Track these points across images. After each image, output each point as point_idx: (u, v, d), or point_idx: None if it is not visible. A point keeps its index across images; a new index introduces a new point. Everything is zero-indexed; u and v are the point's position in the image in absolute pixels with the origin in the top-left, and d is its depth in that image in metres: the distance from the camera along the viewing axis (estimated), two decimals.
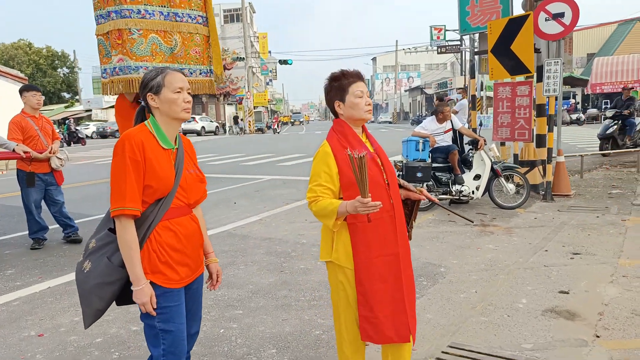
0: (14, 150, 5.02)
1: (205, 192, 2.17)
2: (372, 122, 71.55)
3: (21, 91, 5.68)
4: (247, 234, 6.10)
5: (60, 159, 5.67)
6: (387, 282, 2.14)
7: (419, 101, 61.34)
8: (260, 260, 5.02)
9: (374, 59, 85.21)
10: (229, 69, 46.77)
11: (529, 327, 3.29)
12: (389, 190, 2.19)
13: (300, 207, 7.65)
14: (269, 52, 55.43)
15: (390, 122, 60.40)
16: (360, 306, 2.15)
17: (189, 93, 2.02)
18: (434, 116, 7.36)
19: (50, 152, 5.52)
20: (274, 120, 42.44)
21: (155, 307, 1.92)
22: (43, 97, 5.83)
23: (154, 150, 1.93)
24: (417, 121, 45.60)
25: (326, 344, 3.18)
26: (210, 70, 4.41)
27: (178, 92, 1.97)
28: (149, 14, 4.03)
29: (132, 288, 1.90)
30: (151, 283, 1.91)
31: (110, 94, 4.25)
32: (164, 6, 4.06)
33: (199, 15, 4.19)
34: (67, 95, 51.77)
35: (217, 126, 40.29)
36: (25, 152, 5.06)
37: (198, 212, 2.18)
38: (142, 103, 2.06)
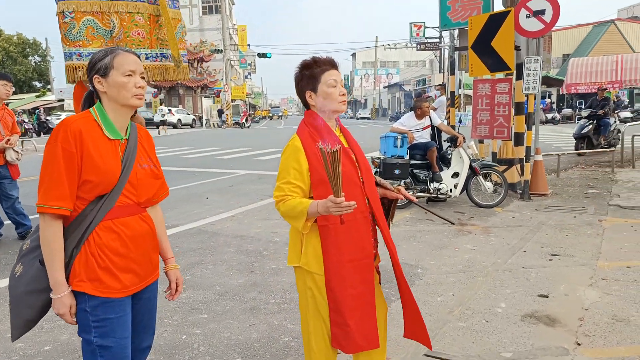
0: None
1: (162, 189, 1.95)
2: (351, 117, 71.62)
3: None
4: (217, 231, 5.85)
5: (17, 152, 5.32)
6: (358, 288, 1.97)
7: (397, 98, 61.50)
8: (230, 260, 4.78)
9: (353, 55, 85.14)
10: (206, 61, 46.02)
11: (508, 334, 3.14)
12: (364, 188, 2.01)
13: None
14: (248, 45, 54.76)
15: (369, 118, 60.46)
16: (331, 312, 1.97)
17: (142, 78, 1.79)
18: (412, 112, 7.21)
19: (6, 143, 5.16)
20: (242, 115, 41.22)
21: (75, 318, 1.72)
22: (13, 89, 5.44)
23: (95, 141, 1.70)
24: (396, 117, 45.69)
25: (295, 351, 2.98)
26: (161, 54, 4.06)
27: (129, 75, 1.74)
28: None
29: (50, 295, 1.68)
30: (86, 294, 1.69)
31: (68, 80, 3.94)
32: None
33: None
34: (38, 85, 50.22)
35: (193, 119, 39.63)
36: None
37: (156, 212, 1.97)
38: (90, 87, 1.84)
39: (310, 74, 2.00)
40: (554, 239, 5.25)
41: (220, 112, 41.56)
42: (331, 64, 2.01)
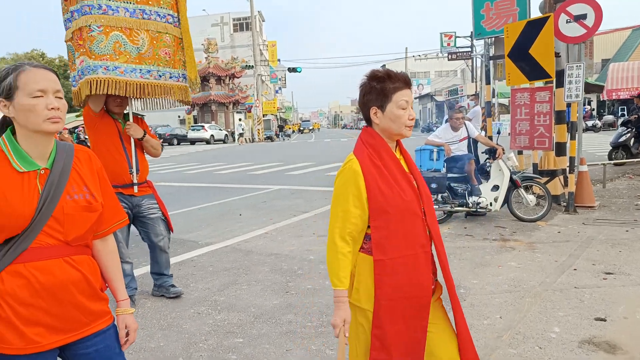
0: None
1: (113, 218, 1.70)
2: None
3: None
4: (251, 249, 5.76)
5: None
6: (410, 327, 1.79)
7: (429, 108, 60.87)
8: (265, 279, 4.67)
9: (383, 67, 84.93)
10: (238, 77, 46.74)
11: None
12: (426, 219, 1.83)
13: (308, 220, 7.30)
14: (279, 60, 55.39)
15: None
16: (373, 351, 1.79)
17: (58, 97, 1.51)
18: (447, 124, 7.00)
19: None
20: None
21: None
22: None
23: None
24: (428, 129, 45.16)
25: None
26: (183, 75, 4.03)
27: (38, 96, 1.47)
28: (112, 9, 3.70)
29: None
30: None
31: (78, 103, 3.88)
32: (130, 2, 3.71)
33: (168, 14, 3.85)
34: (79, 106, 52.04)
35: (226, 134, 40.17)
36: None
37: (105, 244, 1.70)
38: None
39: (380, 88, 1.78)
40: (607, 256, 4.93)
41: (281, 128, 40.84)
42: (405, 82, 1.80)
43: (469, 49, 34.38)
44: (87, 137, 28.23)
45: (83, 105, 3.88)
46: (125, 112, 4.02)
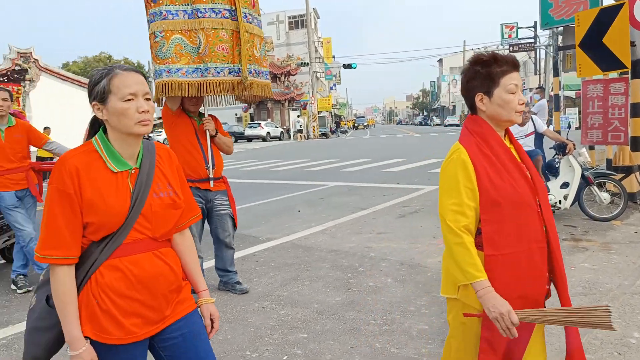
0: None
1: (189, 213, 1.74)
2: (438, 124, 69.79)
3: None
4: (311, 245, 5.80)
5: None
6: (519, 326, 1.66)
7: None
8: (326, 276, 4.69)
9: (439, 61, 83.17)
10: (293, 75, 47.22)
11: None
12: (542, 213, 1.71)
13: (367, 217, 7.26)
14: (333, 56, 55.53)
15: (457, 125, 58.46)
16: (482, 354, 1.70)
17: (147, 99, 1.55)
18: None
19: None
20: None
21: None
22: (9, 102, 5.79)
23: (95, 177, 1.50)
24: None
25: None
26: (239, 68, 3.97)
27: (129, 99, 1.51)
28: (171, 14, 3.81)
29: (68, 352, 1.50)
30: (89, 338, 1.51)
31: (155, 97, 4.03)
32: (187, 4, 3.80)
33: (224, 9, 3.85)
34: None
35: (281, 132, 40.72)
36: None
37: (184, 238, 1.75)
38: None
39: (486, 73, 1.69)
40: None
41: (337, 124, 40.44)
42: (513, 65, 1.70)
43: (532, 40, 32.96)
44: (150, 135, 29.39)
45: (161, 105, 4.08)
46: (200, 110, 4.19)
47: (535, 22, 32.13)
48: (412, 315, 3.68)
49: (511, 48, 33.03)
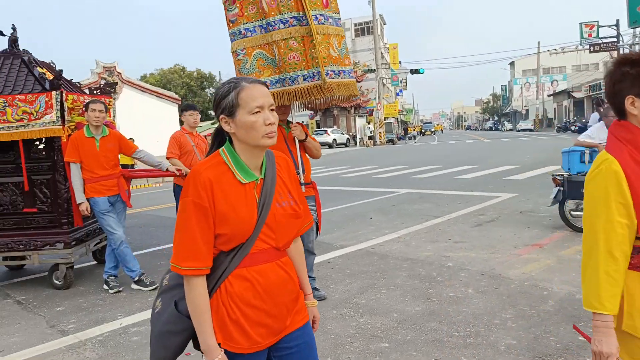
0: (167, 169, 5.28)
1: (305, 221, 1.74)
2: (510, 130, 67.12)
3: (182, 110, 6.04)
4: (386, 253, 5.74)
5: None
6: None
7: (565, 106, 55.94)
8: (403, 284, 4.61)
9: (511, 63, 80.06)
10: (359, 81, 47.22)
11: None
12: None
13: (442, 225, 7.09)
14: (400, 62, 54.95)
15: (531, 130, 55.96)
16: None
17: (272, 110, 1.56)
18: (601, 122, 6.32)
19: None
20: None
21: None
22: (199, 116, 6.11)
23: (226, 189, 1.53)
24: (564, 128, 41.56)
25: None
26: (318, 72, 3.95)
27: (257, 112, 1.52)
28: (249, 31, 3.98)
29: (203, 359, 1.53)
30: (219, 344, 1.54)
31: None
32: (262, 19, 3.92)
33: (291, 18, 3.88)
34: (213, 113, 56.67)
35: (348, 138, 40.79)
36: (177, 170, 5.30)
37: (297, 244, 1.78)
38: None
39: (637, 73, 1.53)
40: None
41: (406, 131, 39.89)
42: None
43: (615, 40, 30.94)
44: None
45: None
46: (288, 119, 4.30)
47: (618, 21, 30.13)
48: (497, 328, 3.53)
49: (592, 48, 31.22)
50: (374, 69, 41.61)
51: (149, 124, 24.00)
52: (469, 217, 7.55)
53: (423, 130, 73.76)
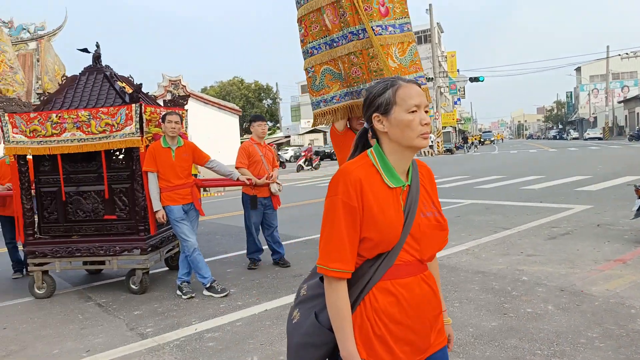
0: (237, 179, 5.42)
1: (445, 241, 1.62)
2: (576, 138, 63.97)
3: (250, 121, 6.22)
4: (455, 265, 5.58)
5: (279, 184, 5.95)
6: None
7: (637, 113, 52.65)
8: (476, 298, 4.45)
9: (577, 69, 76.49)
10: None
11: None
12: None
13: (512, 237, 6.81)
14: (458, 70, 53.85)
15: (600, 139, 53.02)
16: None
17: (427, 111, 1.51)
18: None
19: (267, 179, 5.79)
20: (303, 153, 29.53)
21: None
22: (267, 127, 6.26)
23: (376, 191, 1.46)
24: (638, 137, 39.09)
25: None
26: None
27: (414, 111, 1.47)
28: (316, 49, 4.07)
29: None
30: None
31: (314, 125, 4.40)
32: (326, 36, 3.98)
33: (349, 33, 3.87)
34: (270, 124, 57.84)
35: None
36: (248, 179, 5.42)
37: (434, 260, 1.68)
38: (365, 125, 1.60)
39: None
40: None
41: (465, 139, 39.28)
42: None
43: None
44: (279, 153, 31.17)
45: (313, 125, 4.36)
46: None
47: None
48: (584, 348, 3.32)
49: None
50: (432, 78, 41.01)
51: (211, 135, 24.78)
52: (541, 229, 7.22)
53: (482, 140, 71.64)
